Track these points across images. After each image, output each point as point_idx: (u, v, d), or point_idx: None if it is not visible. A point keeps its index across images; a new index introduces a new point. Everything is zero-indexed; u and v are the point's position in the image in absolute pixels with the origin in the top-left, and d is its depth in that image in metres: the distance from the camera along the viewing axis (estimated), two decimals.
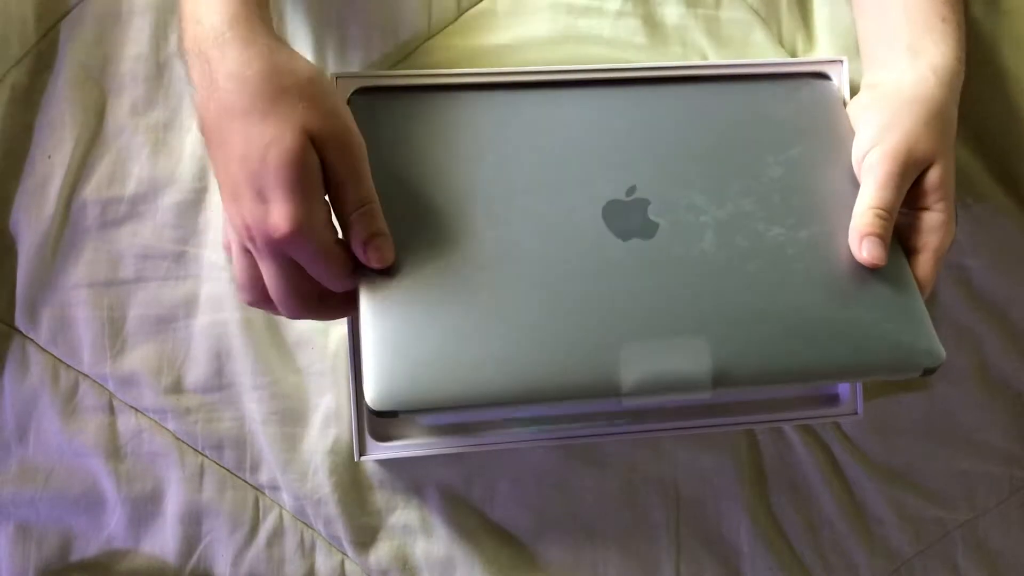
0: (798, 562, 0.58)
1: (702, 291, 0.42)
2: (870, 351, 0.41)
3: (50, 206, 0.54)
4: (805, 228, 0.44)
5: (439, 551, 0.57)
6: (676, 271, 0.42)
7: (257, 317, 0.55)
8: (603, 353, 0.40)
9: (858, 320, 0.42)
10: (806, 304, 0.42)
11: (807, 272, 0.43)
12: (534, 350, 0.40)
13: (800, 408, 0.54)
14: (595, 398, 0.40)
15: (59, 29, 0.54)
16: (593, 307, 0.41)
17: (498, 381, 0.39)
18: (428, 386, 0.39)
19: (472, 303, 0.41)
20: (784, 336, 0.41)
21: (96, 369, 0.55)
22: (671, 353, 0.40)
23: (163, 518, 0.56)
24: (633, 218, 0.44)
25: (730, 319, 0.41)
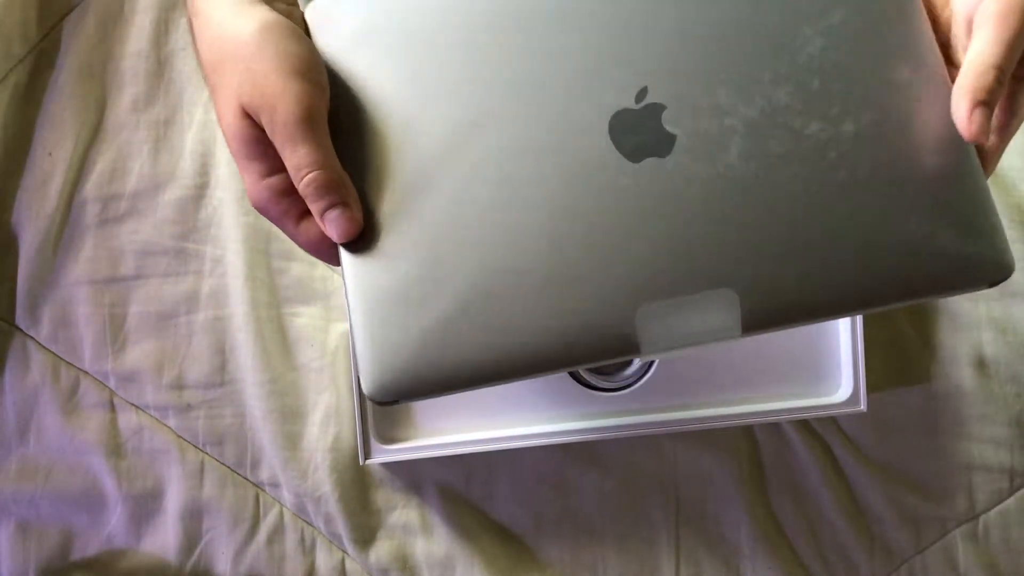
0: (798, 562, 0.58)
1: (729, 219, 0.35)
2: (928, 268, 0.35)
3: (51, 203, 0.54)
4: (851, 119, 0.36)
5: (439, 550, 0.57)
6: (698, 195, 0.35)
7: (258, 313, 0.55)
8: (617, 310, 0.35)
9: (913, 231, 0.35)
10: (850, 220, 0.35)
11: (852, 178, 0.35)
12: (539, 314, 0.35)
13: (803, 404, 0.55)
14: (610, 359, 0.36)
15: (62, 27, 0.55)
16: (603, 256, 0.35)
17: (503, 353, 0.35)
18: (428, 369, 0.35)
19: (466, 266, 0.35)
20: (824, 261, 0.35)
21: (97, 366, 0.55)
22: (694, 309, 0.35)
23: (164, 515, 0.56)
24: (645, 131, 0.36)
25: (762, 248, 0.35)
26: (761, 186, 0.35)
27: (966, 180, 0.35)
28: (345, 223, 0.35)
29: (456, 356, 0.35)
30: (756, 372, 0.55)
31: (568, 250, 0.35)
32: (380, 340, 0.35)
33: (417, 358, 0.35)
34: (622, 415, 0.54)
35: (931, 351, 0.58)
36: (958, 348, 0.57)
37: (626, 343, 0.35)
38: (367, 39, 0.37)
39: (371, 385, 0.35)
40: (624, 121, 0.36)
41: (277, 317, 0.55)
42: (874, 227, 0.35)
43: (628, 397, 0.54)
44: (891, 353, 0.57)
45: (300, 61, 0.35)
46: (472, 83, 0.36)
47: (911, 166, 0.36)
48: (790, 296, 0.35)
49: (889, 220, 0.35)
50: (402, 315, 0.35)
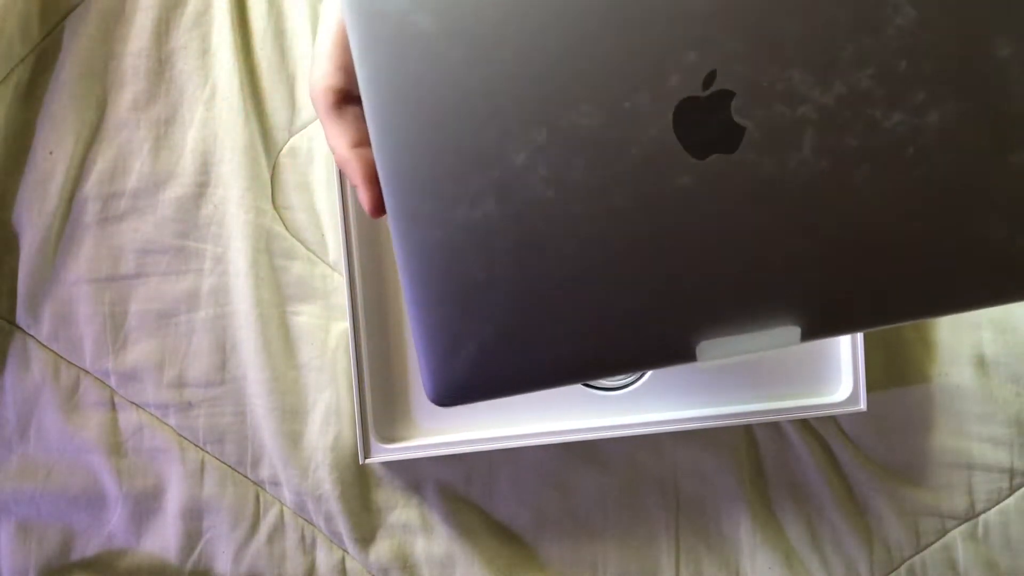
0: (798, 561, 0.58)
1: (794, 223, 0.33)
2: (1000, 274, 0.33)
3: (52, 202, 0.54)
4: (936, 108, 0.32)
5: (439, 549, 0.57)
6: (764, 197, 0.33)
7: (260, 311, 0.55)
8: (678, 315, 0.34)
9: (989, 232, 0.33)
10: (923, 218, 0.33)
11: (930, 174, 0.33)
12: (598, 322, 0.34)
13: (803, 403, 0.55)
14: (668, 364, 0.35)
15: (63, 27, 0.55)
16: (664, 258, 0.33)
17: (562, 359, 0.34)
18: (492, 371, 0.35)
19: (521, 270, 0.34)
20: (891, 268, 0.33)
21: (98, 365, 0.55)
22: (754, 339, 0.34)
23: (164, 514, 0.56)
24: (713, 122, 0.33)
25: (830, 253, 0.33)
26: (832, 185, 0.33)
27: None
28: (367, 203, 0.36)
29: (515, 364, 0.35)
30: (756, 372, 0.55)
31: (624, 256, 0.34)
32: (442, 348, 0.35)
33: (481, 365, 0.35)
34: (622, 415, 0.54)
35: (931, 351, 0.58)
36: (958, 348, 0.57)
37: (683, 358, 0.34)
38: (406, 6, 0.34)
39: (435, 390, 0.35)
40: (690, 111, 0.33)
41: (278, 315, 0.55)
42: (948, 229, 0.33)
43: (628, 397, 0.54)
44: (891, 353, 0.57)
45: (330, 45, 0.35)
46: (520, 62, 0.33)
47: (994, 163, 0.33)
48: (856, 303, 0.34)
49: (965, 222, 0.33)
50: (464, 322, 0.34)
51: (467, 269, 0.34)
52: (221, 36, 0.55)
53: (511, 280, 0.34)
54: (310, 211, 0.56)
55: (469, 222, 0.34)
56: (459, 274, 0.34)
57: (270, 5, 0.56)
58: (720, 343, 0.34)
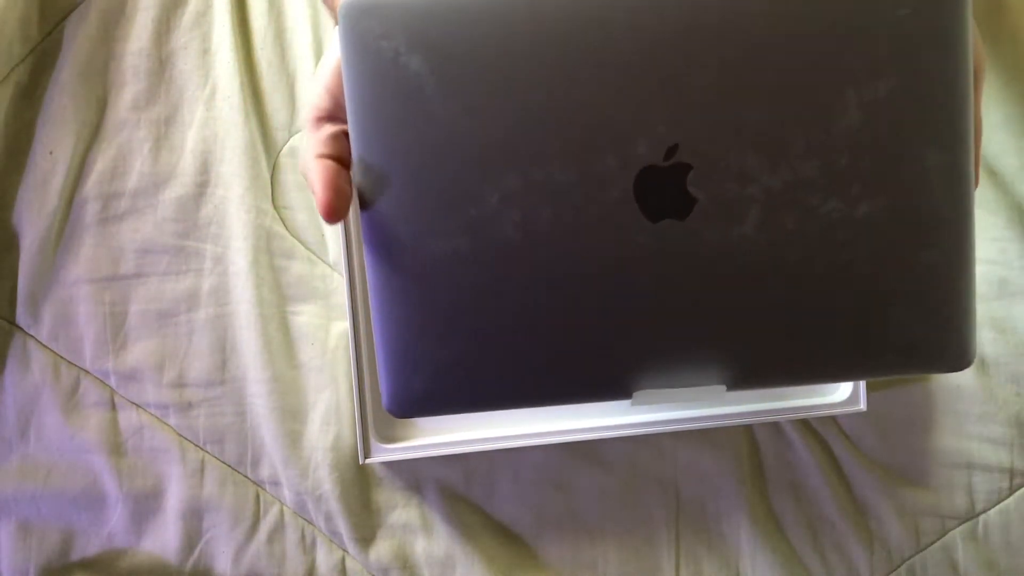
0: (798, 561, 0.58)
1: (732, 286, 0.37)
2: (897, 354, 0.38)
3: (52, 202, 0.54)
4: (867, 200, 0.36)
5: (439, 549, 0.57)
6: (707, 261, 0.37)
7: (260, 311, 0.55)
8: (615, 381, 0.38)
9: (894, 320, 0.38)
10: (841, 303, 0.38)
11: (853, 261, 0.37)
12: (546, 360, 0.38)
13: (803, 403, 0.55)
14: (602, 400, 0.40)
15: (63, 27, 0.55)
16: (611, 308, 0.38)
17: (510, 387, 0.39)
18: (442, 395, 0.39)
19: (483, 302, 0.38)
20: (812, 337, 0.38)
21: (98, 365, 0.55)
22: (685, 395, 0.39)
23: (164, 514, 0.56)
24: (669, 191, 0.36)
25: (759, 316, 0.38)
26: (770, 259, 0.37)
27: (957, 272, 0.38)
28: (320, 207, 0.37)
29: (468, 387, 0.38)
30: None
31: (580, 308, 0.37)
32: (401, 366, 0.38)
33: (434, 384, 0.38)
34: (622, 415, 0.54)
35: None
36: None
37: (618, 390, 0.39)
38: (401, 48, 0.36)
39: (391, 402, 0.39)
40: (650, 179, 0.36)
41: (278, 315, 0.55)
42: (861, 311, 0.38)
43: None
44: None
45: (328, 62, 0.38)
46: (504, 113, 0.36)
47: (909, 258, 0.37)
48: (774, 367, 0.38)
49: (875, 308, 0.38)
50: (423, 345, 0.38)
51: (433, 298, 0.37)
52: (221, 36, 0.55)
53: (471, 312, 0.37)
54: (310, 211, 0.56)
55: (439, 254, 0.37)
56: (425, 301, 0.37)
57: (270, 5, 0.56)
58: (653, 394, 0.39)
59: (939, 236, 0.37)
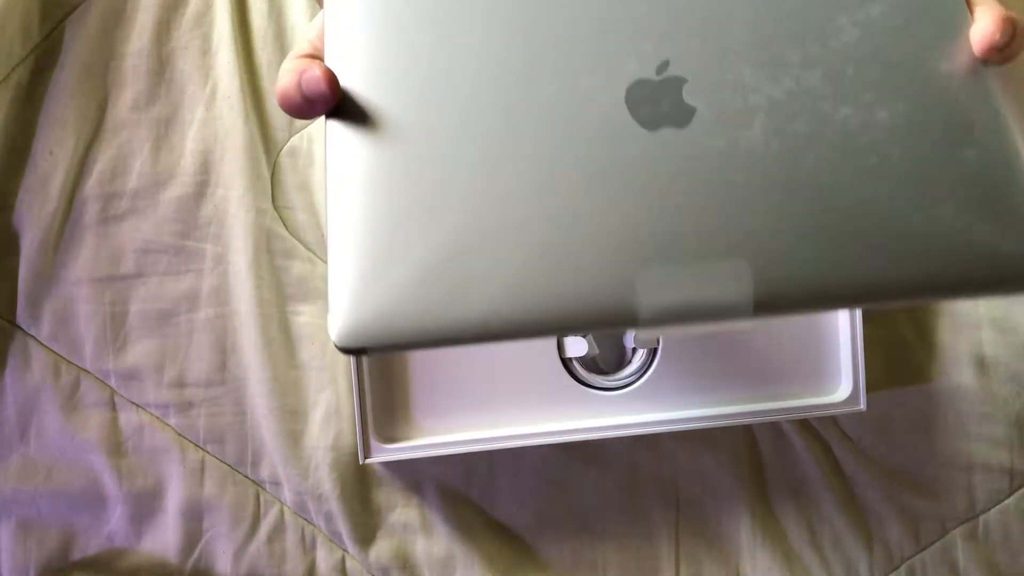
0: (798, 561, 0.58)
1: (747, 191, 0.33)
2: (960, 260, 0.33)
3: (52, 202, 0.54)
4: (884, 107, 0.34)
5: (439, 549, 0.57)
6: (715, 168, 0.33)
7: (261, 311, 0.55)
8: (616, 272, 0.32)
9: (946, 221, 0.33)
10: (878, 204, 0.33)
11: (883, 165, 0.33)
12: (533, 271, 0.32)
13: (803, 403, 0.55)
14: (604, 327, 0.32)
15: (63, 27, 0.55)
16: (608, 216, 0.33)
17: (488, 310, 0.32)
18: (405, 319, 0.31)
19: (460, 213, 0.33)
20: (847, 246, 0.32)
21: (98, 365, 0.55)
22: (701, 279, 0.33)
23: (164, 514, 0.56)
24: (664, 102, 0.34)
25: (781, 226, 0.33)
26: (784, 164, 0.33)
27: (1008, 175, 0.33)
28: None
29: (437, 308, 0.32)
30: (756, 372, 0.55)
31: (569, 208, 0.33)
32: (357, 282, 0.32)
33: (395, 306, 0.32)
34: (622, 415, 0.54)
35: (931, 351, 0.58)
36: (958, 348, 0.57)
37: (623, 311, 0.32)
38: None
39: (340, 330, 0.31)
40: (641, 91, 0.34)
41: (279, 315, 0.55)
42: (904, 215, 0.33)
43: (628, 397, 0.54)
44: (891, 352, 0.57)
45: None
46: (487, 37, 0.35)
47: (947, 157, 0.33)
48: (808, 278, 0.32)
49: (921, 209, 0.33)
50: (385, 258, 0.32)
51: (401, 203, 0.33)
52: (222, 36, 0.55)
53: (448, 220, 0.33)
54: (310, 211, 0.56)
55: (415, 156, 0.33)
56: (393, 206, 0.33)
57: (270, 5, 0.56)
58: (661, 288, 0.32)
59: (974, 135, 0.34)
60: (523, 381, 0.54)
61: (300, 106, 0.32)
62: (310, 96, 0.32)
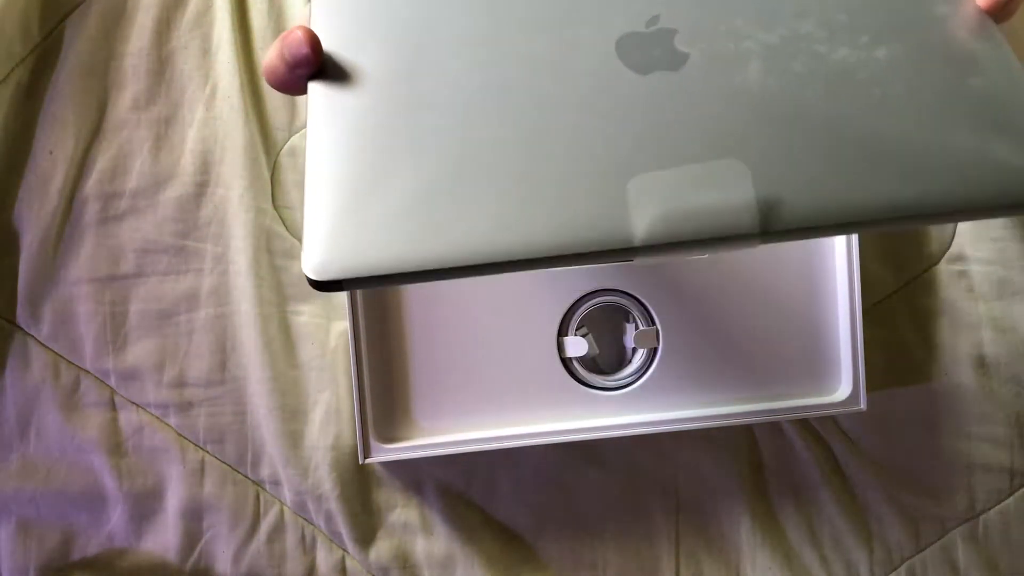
0: (798, 561, 0.58)
1: (747, 125, 0.32)
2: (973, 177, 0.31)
3: (52, 202, 0.54)
4: (883, 46, 0.33)
5: (439, 549, 0.57)
6: (710, 101, 0.32)
7: (261, 311, 0.55)
8: (605, 189, 0.30)
9: (954, 140, 0.32)
10: (884, 127, 0.32)
11: (887, 94, 0.32)
12: (519, 198, 0.30)
13: (803, 403, 0.55)
14: (599, 256, 0.30)
15: (63, 27, 0.55)
16: (599, 150, 0.31)
17: (472, 236, 0.30)
18: (385, 246, 0.29)
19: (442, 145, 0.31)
20: (856, 161, 0.31)
21: (98, 365, 0.55)
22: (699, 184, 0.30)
23: (164, 514, 0.56)
24: (655, 50, 0.33)
25: (784, 152, 0.31)
26: (783, 100, 0.32)
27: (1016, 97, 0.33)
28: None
29: (419, 236, 0.30)
30: (756, 372, 0.55)
31: (557, 141, 0.31)
32: (333, 214, 0.30)
33: (373, 235, 0.30)
34: (622, 415, 0.54)
35: (931, 351, 0.58)
36: (958, 348, 0.57)
37: (616, 231, 0.30)
38: None
39: (313, 260, 0.29)
40: (633, 42, 0.33)
41: (279, 315, 0.55)
42: (913, 137, 0.32)
43: (628, 397, 0.54)
44: (891, 352, 0.57)
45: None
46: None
47: (953, 85, 0.33)
48: (814, 192, 0.31)
49: (931, 128, 0.32)
50: (363, 188, 0.31)
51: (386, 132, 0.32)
52: (222, 36, 0.55)
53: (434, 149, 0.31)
54: None
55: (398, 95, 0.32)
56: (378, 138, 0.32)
57: (270, 5, 0.56)
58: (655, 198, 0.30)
59: (978, 65, 0.33)
60: (523, 381, 0.54)
61: (283, 74, 0.32)
62: (292, 60, 0.32)
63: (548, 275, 0.54)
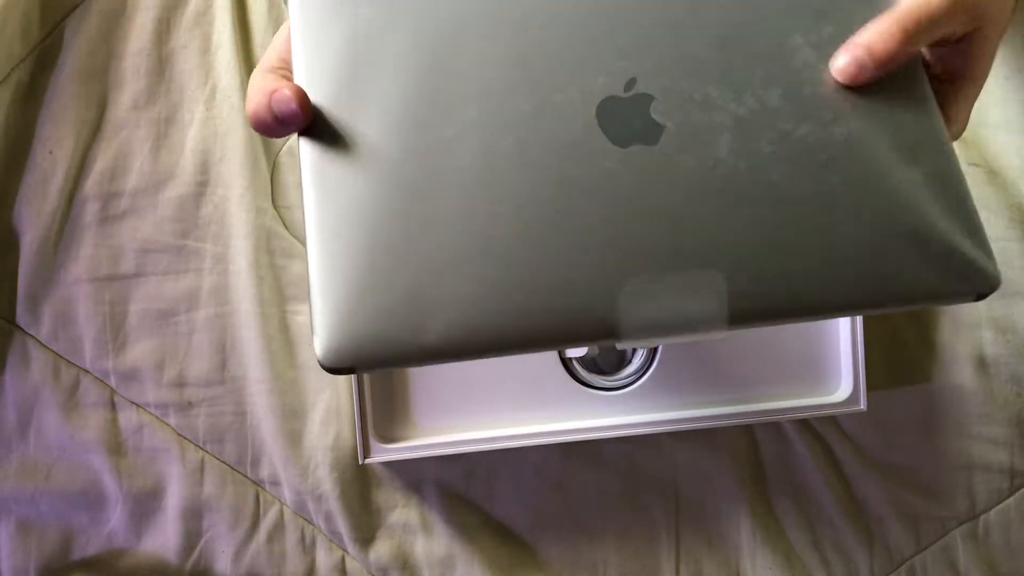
0: (798, 561, 0.58)
1: (716, 210, 0.35)
2: (915, 275, 0.34)
3: (52, 201, 0.54)
4: (842, 124, 0.36)
5: (439, 549, 0.57)
6: (685, 185, 0.35)
7: (260, 310, 0.55)
8: (597, 287, 0.33)
9: (904, 237, 0.35)
10: (839, 221, 0.35)
11: (843, 180, 0.35)
12: (513, 290, 0.33)
13: (803, 403, 0.55)
14: (587, 342, 0.34)
15: (63, 27, 0.55)
16: (585, 232, 0.34)
17: (471, 328, 0.33)
18: (389, 338, 0.32)
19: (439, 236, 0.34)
20: (812, 261, 0.34)
21: (97, 365, 0.55)
22: (679, 290, 0.34)
23: (164, 514, 0.56)
24: (634, 119, 0.36)
25: (749, 243, 0.34)
26: (751, 182, 0.35)
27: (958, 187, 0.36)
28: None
29: (421, 328, 0.33)
30: (756, 372, 0.55)
31: (547, 227, 0.34)
32: (342, 304, 0.33)
33: (379, 325, 0.33)
34: (622, 415, 0.54)
35: (931, 351, 0.58)
36: (958, 348, 0.57)
37: (605, 325, 0.33)
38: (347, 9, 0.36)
39: (326, 349, 0.32)
40: (612, 108, 0.36)
41: (279, 315, 0.55)
42: (865, 228, 0.35)
43: (628, 397, 0.54)
44: (891, 352, 0.57)
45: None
46: (457, 57, 0.36)
47: (900, 171, 0.36)
48: (779, 291, 0.34)
49: (876, 225, 0.35)
50: (369, 280, 0.33)
51: (380, 226, 0.34)
52: (222, 35, 0.55)
53: (426, 242, 0.34)
54: None
55: (392, 178, 0.34)
56: (372, 230, 0.33)
57: (270, 5, 0.56)
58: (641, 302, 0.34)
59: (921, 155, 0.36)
60: (523, 381, 0.54)
61: (272, 127, 0.33)
62: (281, 117, 0.32)
63: None
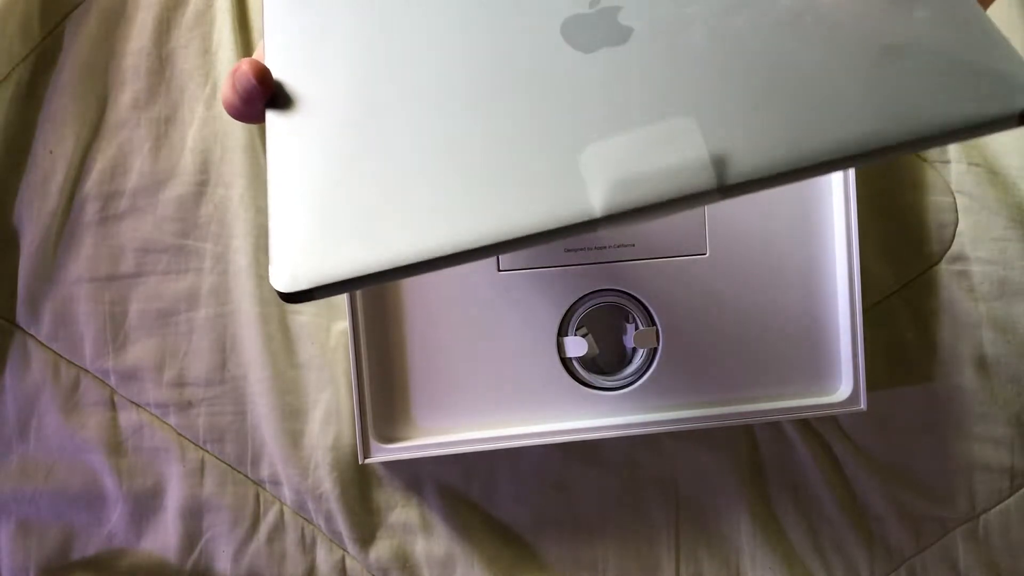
0: (798, 561, 0.58)
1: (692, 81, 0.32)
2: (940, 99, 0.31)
3: (52, 201, 0.54)
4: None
5: (439, 549, 0.57)
6: (656, 69, 0.32)
7: (261, 310, 0.55)
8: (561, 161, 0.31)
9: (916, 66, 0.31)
10: (839, 63, 0.32)
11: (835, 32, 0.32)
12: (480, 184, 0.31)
13: (803, 403, 0.55)
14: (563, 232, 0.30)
15: (64, 26, 0.55)
16: (548, 123, 0.32)
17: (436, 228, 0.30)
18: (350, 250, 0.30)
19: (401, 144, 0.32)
20: (805, 104, 0.31)
21: (98, 364, 0.55)
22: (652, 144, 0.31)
23: (164, 514, 0.56)
24: (600, 29, 0.34)
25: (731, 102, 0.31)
26: (730, 52, 0.32)
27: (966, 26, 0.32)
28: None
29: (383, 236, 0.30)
30: (756, 372, 0.55)
31: (509, 126, 0.32)
32: (299, 230, 0.31)
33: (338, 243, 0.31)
34: (622, 415, 0.54)
35: (931, 351, 0.58)
36: (958, 348, 0.57)
37: (576, 205, 0.30)
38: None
39: (282, 274, 0.31)
40: (577, 23, 0.34)
41: (279, 314, 0.55)
42: (866, 65, 0.32)
43: (628, 397, 0.54)
44: (891, 352, 0.57)
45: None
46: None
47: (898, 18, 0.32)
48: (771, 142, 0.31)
49: (882, 60, 0.32)
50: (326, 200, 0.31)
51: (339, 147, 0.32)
52: (222, 35, 0.55)
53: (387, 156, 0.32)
54: None
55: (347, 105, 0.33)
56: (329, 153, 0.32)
57: None
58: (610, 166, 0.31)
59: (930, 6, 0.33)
60: (523, 381, 0.54)
61: (237, 105, 0.33)
62: (242, 93, 0.33)
63: (548, 275, 0.54)
